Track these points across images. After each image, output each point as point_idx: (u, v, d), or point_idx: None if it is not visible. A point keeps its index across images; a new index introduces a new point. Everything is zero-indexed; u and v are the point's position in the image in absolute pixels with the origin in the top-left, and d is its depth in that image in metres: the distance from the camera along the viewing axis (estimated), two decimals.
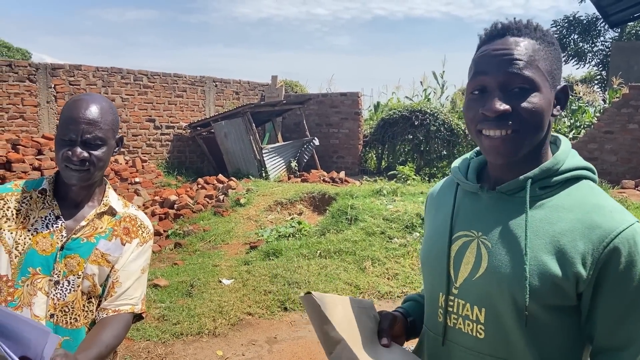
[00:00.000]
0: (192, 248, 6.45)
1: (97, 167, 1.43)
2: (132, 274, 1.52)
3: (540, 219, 1.01)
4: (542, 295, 0.96)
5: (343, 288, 5.07)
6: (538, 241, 0.99)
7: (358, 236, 6.14)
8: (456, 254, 1.09)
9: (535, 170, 1.03)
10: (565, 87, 1.06)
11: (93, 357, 1.30)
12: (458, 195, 1.16)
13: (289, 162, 10.99)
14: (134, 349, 3.93)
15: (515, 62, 0.99)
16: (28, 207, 1.46)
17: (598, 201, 1.00)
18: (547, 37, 1.04)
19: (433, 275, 1.14)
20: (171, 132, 11.03)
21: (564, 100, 1.06)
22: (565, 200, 1.02)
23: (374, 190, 7.88)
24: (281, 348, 4.02)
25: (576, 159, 1.07)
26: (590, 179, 1.07)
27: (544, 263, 0.97)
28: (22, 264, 1.41)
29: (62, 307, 1.43)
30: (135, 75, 10.34)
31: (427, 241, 1.20)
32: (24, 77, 8.71)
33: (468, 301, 1.05)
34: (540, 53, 1.01)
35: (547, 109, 1.02)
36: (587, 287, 0.96)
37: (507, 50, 1.00)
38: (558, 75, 1.05)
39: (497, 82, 1.00)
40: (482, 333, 1.03)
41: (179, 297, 4.86)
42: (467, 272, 1.06)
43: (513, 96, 0.99)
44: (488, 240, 1.05)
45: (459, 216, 1.13)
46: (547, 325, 0.99)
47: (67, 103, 1.45)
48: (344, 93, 12.40)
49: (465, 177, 1.16)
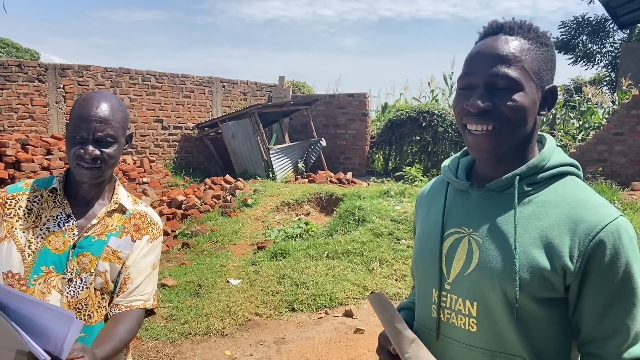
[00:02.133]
0: (200, 248, 6.46)
1: (109, 164, 1.43)
2: (143, 270, 1.53)
3: (528, 215, 1.04)
4: (532, 288, 1.00)
5: (351, 289, 5.06)
6: (527, 236, 1.02)
7: (365, 237, 6.13)
8: (448, 250, 1.13)
9: (523, 168, 1.07)
10: (554, 87, 1.09)
11: (109, 351, 1.31)
12: (449, 194, 1.20)
13: (296, 163, 10.99)
14: (143, 348, 3.94)
15: (500, 63, 1.03)
16: (39, 206, 1.47)
17: (583, 196, 1.04)
18: (540, 38, 1.07)
19: (426, 272, 1.17)
20: (179, 132, 11.06)
21: (551, 100, 1.09)
22: (552, 196, 1.05)
23: (381, 192, 7.86)
24: (289, 349, 4.02)
25: (561, 155, 1.12)
26: (575, 174, 1.11)
27: (533, 257, 1.00)
28: (35, 262, 1.42)
29: (75, 305, 1.44)
30: (143, 76, 10.38)
31: (420, 239, 1.23)
32: (33, 77, 8.77)
33: (460, 296, 1.09)
34: (529, 53, 1.05)
35: (530, 107, 1.05)
36: (574, 279, 0.99)
37: (494, 51, 1.04)
38: (548, 76, 1.08)
39: (482, 81, 1.05)
40: (474, 327, 1.07)
41: (187, 297, 4.86)
42: (459, 267, 1.10)
43: (497, 94, 1.04)
44: (479, 236, 1.08)
45: (450, 214, 1.16)
46: (537, 317, 1.02)
47: (78, 101, 1.45)
48: (351, 94, 12.38)
49: (455, 175, 1.19)
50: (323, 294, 4.91)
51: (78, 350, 1.16)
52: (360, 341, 4.17)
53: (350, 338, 4.22)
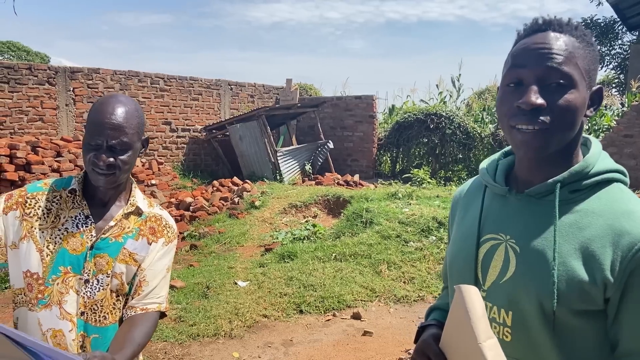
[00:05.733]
0: (208, 250, 6.48)
1: (123, 170, 1.44)
2: (158, 273, 1.54)
3: (569, 224, 1.00)
4: (570, 301, 0.96)
5: (359, 291, 5.06)
6: (567, 246, 0.98)
7: (373, 239, 6.12)
8: (484, 256, 1.09)
9: (565, 174, 1.02)
10: (601, 89, 1.05)
11: (128, 356, 1.33)
12: (486, 198, 1.15)
13: (303, 165, 11.00)
14: (152, 349, 3.96)
15: (555, 57, 0.98)
16: (58, 207, 1.48)
17: (629, 206, 0.99)
18: (586, 37, 1.03)
19: (461, 278, 1.13)
20: (187, 134, 11.10)
21: (598, 101, 1.05)
22: (595, 205, 1.01)
23: (389, 194, 7.85)
24: (297, 351, 4.02)
25: (607, 161, 1.06)
26: (622, 181, 1.05)
27: (573, 269, 0.97)
28: (54, 262, 1.43)
29: (91, 305, 1.45)
30: (152, 79, 10.44)
31: (455, 243, 1.20)
32: (43, 80, 8.84)
33: (495, 304, 1.06)
34: (579, 51, 1.00)
35: (581, 107, 1.00)
36: (614, 292, 0.95)
37: (547, 45, 0.99)
38: (594, 76, 1.04)
39: (534, 76, 0.99)
40: (509, 336, 1.04)
41: (195, 299, 4.88)
42: (495, 275, 1.06)
43: (550, 91, 0.98)
44: (516, 243, 1.05)
45: (487, 219, 1.12)
46: (574, 329, 0.99)
47: (94, 106, 1.45)
48: (358, 96, 12.38)
49: (494, 179, 1.15)
50: (331, 296, 4.91)
51: (98, 357, 1.16)
52: (369, 343, 4.17)
53: (359, 340, 4.22)
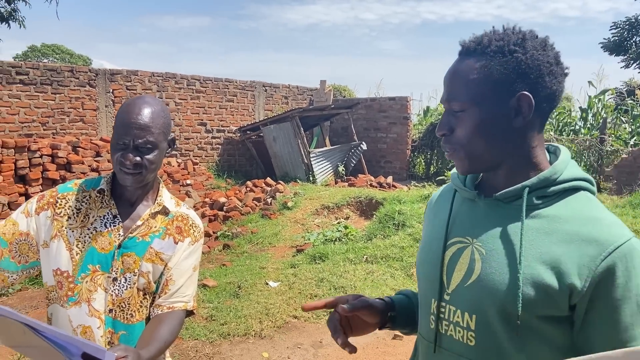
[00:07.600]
0: (240, 250, 6.55)
1: (149, 169, 1.47)
2: (184, 272, 1.56)
3: (536, 229, 1.00)
4: (535, 305, 0.96)
5: (390, 294, 5.01)
6: (533, 251, 0.98)
7: (405, 242, 6.06)
8: (450, 260, 1.09)
9: (534, 179, 1.03)
10: (523, 95, 1.00)
11: (153, 352, 1.35)
12: (455, 202, 1.16)
13: (336, 167, 11.00)
14: (183, 347, 4.02)
15: (450, 90, 1.06)
16: (87, 206, 1.52)
17: (595, 214, 0.99)
18: (507, 47, 1.01)
19: (426, 281, 1.14)
20: (222, 135, 11.27)
21: (526, 108, 1.01)
22: (562, 211, 1.01)
23: (422, 196, 7.76)
24: (327, 353, 4.01)
25: (575, 169, 1.05)
26: (589, 190, 1.05)
27: (538, 273, 0.96)
28: (83, 261, 1.47)
29: (119, 303, 1.48)
30: (188, 80, 10.64)
31: (423, 247, 1.20)
32: (84, 82, 9.13)
33: (459, 307, 1.05)
34: (481, 71, 1.02)
35: (489, 123, 1.03)
36: (581, 299, 0.95)
37: (446, 77, 1.08)
38: (514, 86, 1.01)
39: (444, 106, 1.10)
40: (472, 340, 1.03)
41: (227, 298, 4.94)
42: (460, 278, 1.06)
43: (453, 118, 1.07)
44: (482, 247, 1.04)
45: (455, 222, 1.13)
46: (538, 334, 0.98)
47: (122, 107, 1.49)
48: (392, 97, 12.30)
49: (464, 184, 1.16)
50: None
51: (122, 350, 1.19)
52: (399, 347, 4.12)
53: (388, 344, 4.18)
